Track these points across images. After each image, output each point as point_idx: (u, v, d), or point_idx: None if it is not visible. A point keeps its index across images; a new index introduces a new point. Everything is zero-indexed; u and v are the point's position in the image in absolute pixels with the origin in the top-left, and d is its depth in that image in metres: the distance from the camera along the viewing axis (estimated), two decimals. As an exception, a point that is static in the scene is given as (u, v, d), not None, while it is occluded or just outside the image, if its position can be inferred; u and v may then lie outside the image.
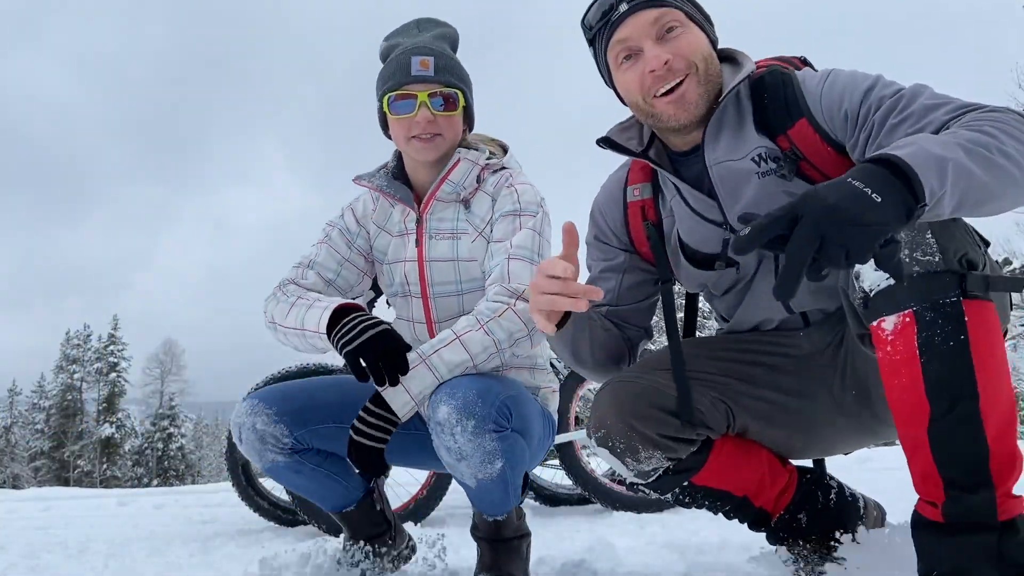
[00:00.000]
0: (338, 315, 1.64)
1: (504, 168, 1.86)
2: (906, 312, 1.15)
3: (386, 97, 1.78)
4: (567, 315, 1.46)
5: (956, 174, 1.01)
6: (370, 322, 1.61)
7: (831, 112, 1.37)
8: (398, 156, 1.93)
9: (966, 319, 1.13)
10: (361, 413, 1.61)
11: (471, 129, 1.92)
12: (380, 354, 1.57)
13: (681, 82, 1.43)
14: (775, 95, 1.44)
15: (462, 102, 1.81)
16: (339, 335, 1.61)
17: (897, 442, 1.56)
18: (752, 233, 0.96)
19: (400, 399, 1.59)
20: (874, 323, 1.20)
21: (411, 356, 1.63)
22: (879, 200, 0.94)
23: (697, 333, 1.81)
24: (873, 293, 1.19)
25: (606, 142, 1.59)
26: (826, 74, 1.42)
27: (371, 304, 3.52)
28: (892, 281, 1.16)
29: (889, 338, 1.17)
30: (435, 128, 1.76)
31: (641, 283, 1.65)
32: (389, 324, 1.63)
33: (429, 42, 1.81)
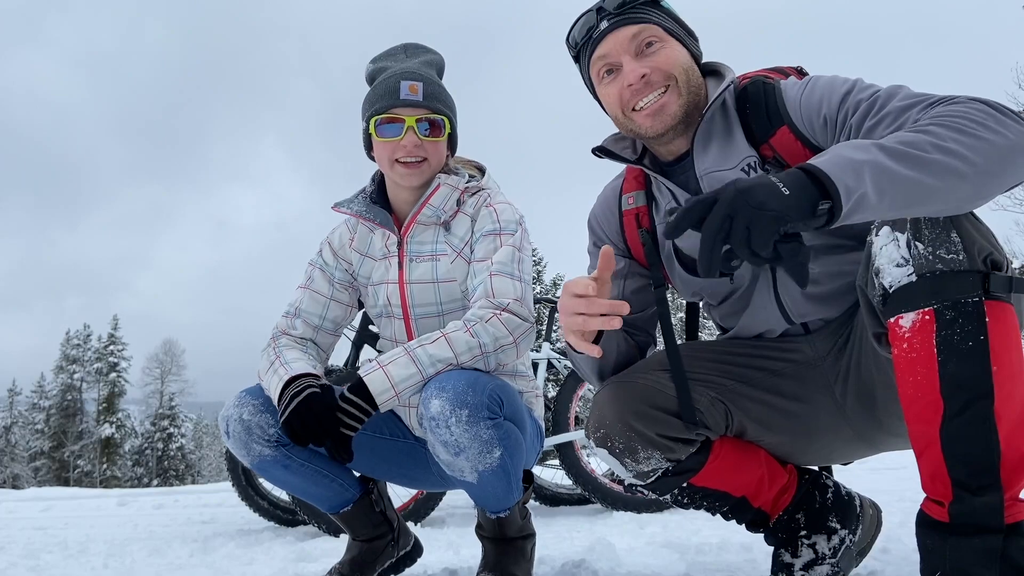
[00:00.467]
0: (286, 385, 1.69)
1: (482, 189, 1.89)
2: (926, 310, 1.15)
3: (373, 119, 1.79)
4: (599, 334, 1.45)
5: (875, 173, 1.02)
6: (297, 391, 1.65)
7: (810, 118, 1.39)
8: (376, 180, 1.95)
9: (987, 319, 1.13)
10: (338, 401, 1.63)
11: (453, 154, 1.95)
12: (305, 418, 1.60)
13: (663, 92, 1.46)
14: (757, 105, 1.47)
15: (448, 128, 1.84)
16: (279, 409, 1.67)
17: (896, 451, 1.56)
18: (678, 217, 1.02)
19: (380, 383, 1.61)
20: (891, 319, 1.19)
21: (395, 349, 1.68)
22: (787, 192, 0.99)
23: (699, 338, 1.81)
24: (893, 290, 1.18)
25: (602, 151, 1.63)
26: (806, 81, 1.44)
27: (359, 347, 3.55)
28: (914, 277, 1.16)
29: (906, 335, 1.17)
30: (421, 152, 1.79)
31: (642, 288, 1.67)
32: (318, 388, 1.65)
33: (417, 68, 1.83)
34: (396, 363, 1.63)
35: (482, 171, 1.97)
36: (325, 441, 1.60)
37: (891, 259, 1.18)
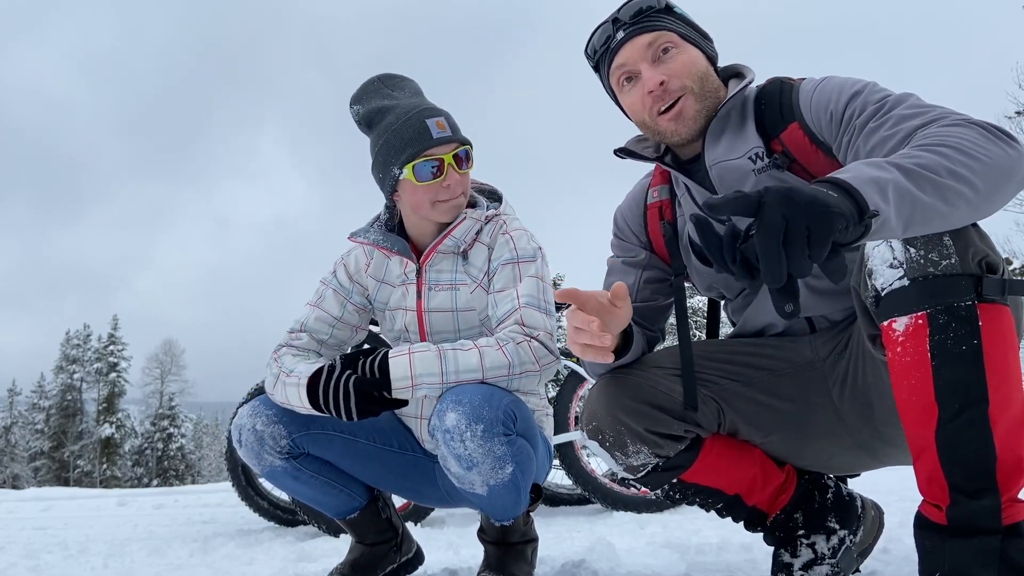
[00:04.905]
0: (313, 386, 1.66)
1: (498, 215, 1.88)
2: (919, 314, 1.15)
3: (410, 165, 1.74)
4: (626, 344, 1.52)
5: (897, 194, 1.01)
6: (336, 379, 1.64)
7: (818, 114, 1.41)
8: (391, 208, 1.93)
9: (980, 323, 1.13)
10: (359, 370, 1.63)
11: None
12: (361, 392, 1.61)
13: (678, 100, 1.50)
14: (771, 101, 1.51)
15: (472, 158, 1.83)
16: (326, 406, 1.64)
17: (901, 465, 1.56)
18: (726, 199, 0.93)
19: (402, 369, 1.60)
20: (885, 323, 1.20)
21: (428, 343, 1.68)
22: (834, 195, 0.95)
23: (719, 336, 1.83)
24: (885, 292, 1.18)
25: (624, 152, 1.67)
26: (821, 79, 1.47)
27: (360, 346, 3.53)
28: (906, 281, 1.16)
29: (900, 339, 1.17)
30: (460, 188, 1.79)
31: (657, 279, 1.70)
32: (349, 368, 1.65)
33: (421, 101, 1.82)
34: (424, 356, 1.62)
35: (498, 197, 1.96)
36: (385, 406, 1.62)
37: (884, 260, 1.19)
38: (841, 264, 0.93)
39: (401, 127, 1.76)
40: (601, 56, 1.59)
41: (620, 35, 1.54)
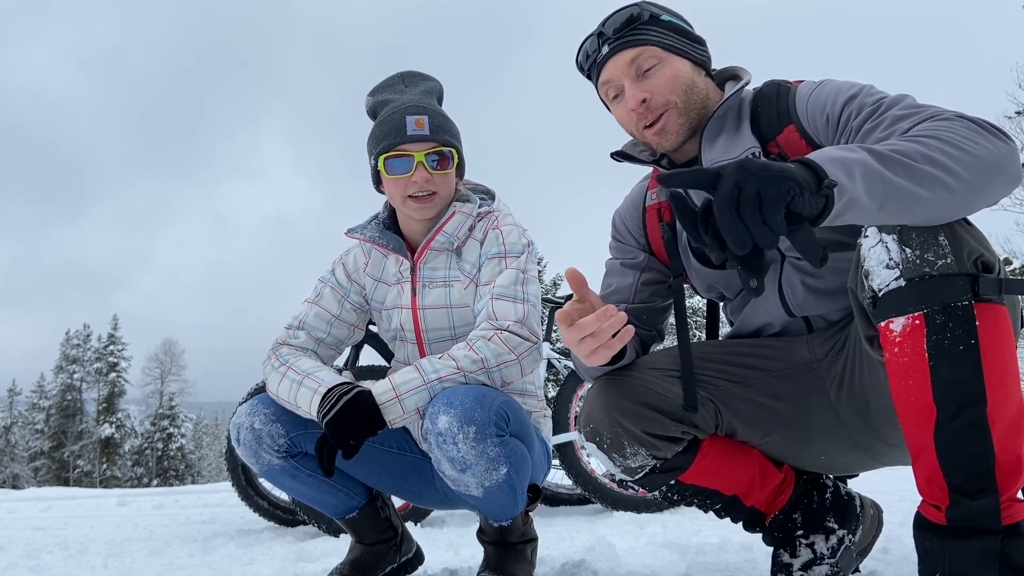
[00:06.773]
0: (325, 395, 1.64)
1: (491, 212, 1.90)
2: (916, 314, 1.15)
3: (382, 157, 1.79)
4: (622, 351, 1.52)
5: (866, 174, 1.05)
6: (342, 392, 1.61)
7: (815, 116, 1.43)
8: (389, 207, 1.96)
9: (977, 323, 1.13)
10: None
11: (461, 179, 1.95)
12: (345, 425, 1.56)
13: (661, 115, 1.52)
14: (768, 104, 1.51)
15: (456, 159, 1.84)
16: (323, 416, 1.61)
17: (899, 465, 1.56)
18: (678, 173, 1.04)
19: (383, 385, 1.62)
20: (882, 323, 1.20)
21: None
22: (792, 166, 1.00)
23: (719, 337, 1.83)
24: (882, 293, 1.19)
25: (621, 155, 1.68)
26: (819, 83, 1.48)
27: (359, 347, 3.53)
28: (902, 282, 1.16)
29: (897, 339, 1.17)
30: (431, 186, 1.80)
31: (656, 281, 1.70)
32: (360, 387, 1.62)
33: (419, 99, 1.83)
34: (402, 370, 1.65)
35: (491, 195, 1.98)
36: (369, 435, 1.58)
37: (880, 261, 1.19)
38: (810, 238, 0.99)
39: (383, 121, 1.80)
40: (589, 69, 1.61)
41: (605, 50, 1.55)
